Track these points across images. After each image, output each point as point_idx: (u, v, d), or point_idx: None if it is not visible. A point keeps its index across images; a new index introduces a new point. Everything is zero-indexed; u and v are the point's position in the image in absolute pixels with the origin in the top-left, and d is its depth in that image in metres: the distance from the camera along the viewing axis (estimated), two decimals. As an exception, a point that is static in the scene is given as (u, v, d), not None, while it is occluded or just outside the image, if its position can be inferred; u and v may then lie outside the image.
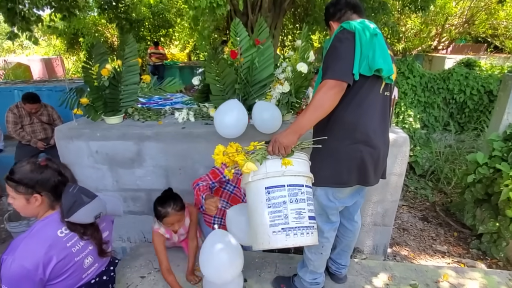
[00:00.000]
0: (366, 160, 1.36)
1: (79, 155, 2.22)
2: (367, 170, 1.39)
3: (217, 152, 1.34)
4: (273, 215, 1.25)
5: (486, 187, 2.74)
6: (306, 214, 1.27)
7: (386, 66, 1.28)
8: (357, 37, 1.26)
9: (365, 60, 1.26)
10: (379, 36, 1.31)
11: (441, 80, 5.08)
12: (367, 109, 1.33)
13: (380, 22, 6.35)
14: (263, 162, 1.31)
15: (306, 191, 1.30)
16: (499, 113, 2.84)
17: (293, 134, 1.28)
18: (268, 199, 1.26)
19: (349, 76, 1.25)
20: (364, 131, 1.34)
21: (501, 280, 1.82)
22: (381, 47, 1.28)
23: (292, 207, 1.25)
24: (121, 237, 2.51)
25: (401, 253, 2.78)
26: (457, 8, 10.87)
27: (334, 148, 1.37)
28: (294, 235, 1.23)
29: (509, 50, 11.06)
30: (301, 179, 1.30)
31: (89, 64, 2.16)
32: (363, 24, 1.30)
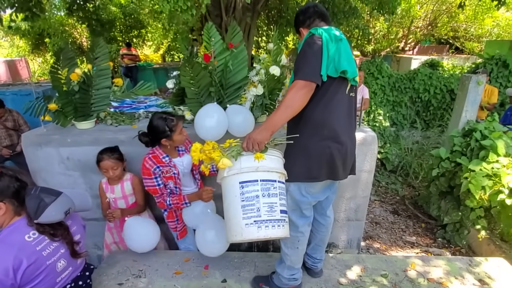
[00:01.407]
0: (334, 155, 1.45)
1: (48, 162, 2.14)
2: (336, 165, 1.48)
3: (194, 149, 1.40)
4: (246, 208, 1.32)
5: (449, 180, 2.95)
6: (278, 208, 1.34)
7: (351, 69, 1.40)
8: (324, 42, 1.36)
9: (332, 62, 1.36)
10: (344, 41, 1.42)
11: (407, 80, 5.36)
12: (334, 108, 1.43)
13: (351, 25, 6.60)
14: (238, 158, 1.37)
15: (278, 186, 1.37)
16: (458, 111, 3.05)
17: (266, 131, 1.36)
18: (242, 193, 1.33)
19: (318, 77, 1.35)
20: (331, 128, 1.43)
21: (462, 266, 1.97)
22: (346, 51, 1.39)
23: (265, 201, 1.32)
24: (96, 245, 2.44)
25: (374, 245, 2.92)
26: (421, 12, 11.49)
27: (304, 145, 1.46)
28: (265, 227, 1.30)
29: (468, 51, 11.84)
30: (274, 174, 1.37)
31: (57, 68, 2.10)
32: (330, 31, 1.42)
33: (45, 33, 9.62)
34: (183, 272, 1.90)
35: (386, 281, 1.83)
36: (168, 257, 2.06)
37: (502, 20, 11.49)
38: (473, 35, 11.88)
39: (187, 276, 1.87)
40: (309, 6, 1.60)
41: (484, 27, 11.52)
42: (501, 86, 4.95)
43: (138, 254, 2.05)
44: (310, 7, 1.59)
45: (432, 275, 1.87)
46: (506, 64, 4.99)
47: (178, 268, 1.94)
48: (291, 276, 1.70)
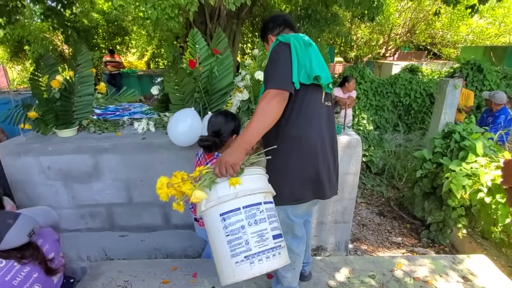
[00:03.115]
0: (318, 172, 1.36)
1: (28, 172, 2.07)
2: (322, 183, 1.38)
3: (159, 186, 1.19)
4: (233, 244, 1.13)
5: (432, 180, 3.03)
6: (269, 234, 1.17)
7: (324, 74, 1.33)
8: (293, 48, 1.30)
9: (303, 68, 1.30)
10: (313, 46, 1.37)
11: (389, 85, 5.52)
12: (311, 120, 1.34)
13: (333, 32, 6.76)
14: (212, 187, 1.19)
15: (265, 208, 1.20)
16: (438, 114, 3.16)
17: (239, 150, 1.19)
18: (225, 227, 1.14)
19: (290, 85, 1.26)
20: (312, 144, 1.34)
21: (446, 264, 2.02)
22: (316, 56, 1.34)
23: (252, 230, 1.14)
24: (79, 257, 2.36)
25: (361, 247, 2.96)
26: (400, 19, 11.92)
27: (284, 164, 1.35)
28: (259, 261, 1.12)
29: (445, 57, 12.34)
30: (258, 196, 1.20)
31: (37, 75, 2.04)
32: (297, 36, 1.36)
33: (25, 40, 9.37)
34: (171, 281, 1.86)
35: (374, 282, 1.86)
36: (155, 266, 2.01)
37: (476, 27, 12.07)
38: (449, 42, 12.41)
39: (175, 285, 1.84)
40: (279, 14, 1.59)
41: (459, 34, 12.06)
42: (476, 89, 5.17)
43: (124, 264, 2.00)
44: (280, 15, 1.57)
45: (418, 274, 1.91)
46: (481, 69, 5.22)
47: (166, 277, 1.90)
48: None
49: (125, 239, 2.31)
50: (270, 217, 1.20)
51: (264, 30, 1.57)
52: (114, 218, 2.25)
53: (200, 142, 1.56)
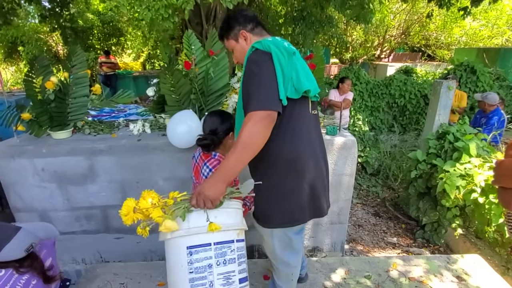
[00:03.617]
0: (315, 190, 1.28)
1: (22, 174, 2.05)
2: (319, 200, 1.32)
3: (125, 212, 1.05)
4: (195, 283, 1.02)
5: (426, 181, 3.06)
6: (236, 278, 1.07)
7: (312, 86, 1.20)
8: (275, 58, 1.12)
9: (289, 82, 1.13)
10: (297, 54, 1.21)
11: (384, 86, 5.56)
12: (303, 134, 1.22)
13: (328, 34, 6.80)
14: (186, 217, 1.07)
15: (237, 247, 1.10)
16: (432, 115, 3.19)
17: (220, 183, 1.06)
18: (190, 262, 1.03)
19: (277, 104, 1.09)
20: (306, 161, 1.22)
21: (440, 264, 2.04)
22: (302, 66, 1.19)
23: (220, 271, 1.03)
24: (74, 259, 2.34)
25: (357, 248, 2.97)
26: (394, 21, 12.03)
27: (278, 185, 1.23)
28: None
29: (439, 58, 12.47)
30: (231, 233, 1.09)
31: (31, 76, 2.03)
32: (277, 43, 1.17)
33: (19, 41, 9.29)
34: (167, 283, 1.85)
35: (369, 282, 1.87)
36: (151, 268, 2.01)
37: (469, 29, 12.22)
38: (443, 43, 12.56)
39: (171, 287, 1.83)
40: (247, 9, 1.42)
41: (453, 36, 12.21)
42: (470, 91, 5.23)
43: (119, 267, 1.99)
44: (248, 10, 1.37)
45: (413, 274, 1.93)
46: (474, 70, 5.29)
47: (161, 279, 1.89)
48: None
49: (120, 241, 2.29)
50: (240, 257, 1.11)
51: (230, 24, 1.31)
52: (110, 220, 2.24)
53: (199, 141, 1.51)
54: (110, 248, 2.32)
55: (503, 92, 5.38)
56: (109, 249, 2.32)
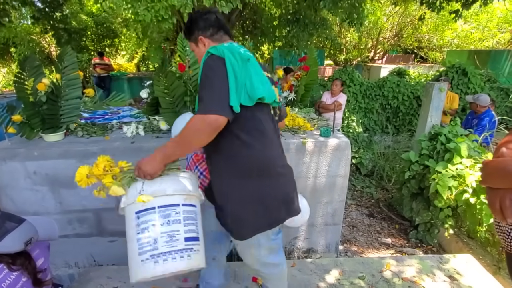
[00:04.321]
0: (286, 190, 1.30)
1: (13, 177, 2.02)
2: (292, 199, 1.33)
3: (78, 179, 1.18)
4: (141, 242, 1.14)
5: (419, 182, 3.09)
6: (181, 236, 1.15)
7: (267, 93, 1.19)
8: (228, 64, 1.12)
9: (243, 89, 1.13)
10: (252, 60, 1.20)
11: (377, 88, 5.61)
12: (270, 139, 1.25)
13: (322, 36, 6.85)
14: (132, 185, 1.18)
15: (183, 210, 1.19)
16: (424, 116, 3.23)
17: (157, 162, 1.16)
18: (138, 225, 1.16)
19: (225, 110, 1.09)
20: (271, 161, 1.25)
21: (433, 264, 2.06)
22: (257, 73, 1.18)
23: (164, 230, 1.14)
24: (67, 263, 2.32)
25: (351, 248, 2.99)
26: (387, 24, 12.16)
27: (247, 189, 1.23)
28: (163, 261, 1.12)
29: (432, 60, 12.64)
30: (176, 198, 1.19)
31: (22, 78, 2.00)
32: (233, 49, 1.17)
33: (11, 42, 9.18)
34: (161, 287, 1.84)
35: (363, 283, 1.88)
36: (145, 271, 1.99)
37: (460, 32, 12.41)
38: (435, 46, 12.73)
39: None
40: (212, 11, 1.33)
41: (444, 38, 12.39)
42: (461, 92, 5.31)
43: (113, 270, 1.97)
44: (213, 13, 1.32)
45: (406, 274, 1.95)
46: (465, 72, 5.37)
47: (156, 283, 1.88)
48: None
49: (114, 244, 2.27)
50: (186, 219, 1.19)
51: (191, 28, 1.31)
52: (103, 223, 2.22)
53: None
54: (103, 251, 2.30)
55: (494, 94, 5.46)
56: (102, 252, 2.30)
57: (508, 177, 0.91)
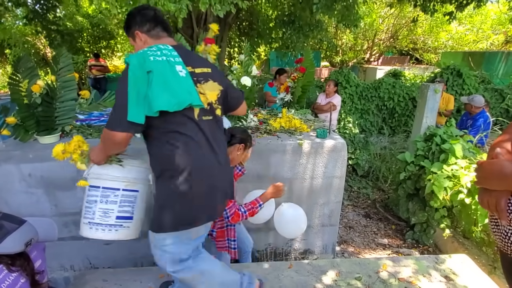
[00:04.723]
0: (203, 192, 1.28)
1: (8, 179, 2.01)
2: (212, 205, 1.33)
3: (54, 154, 1.45)
4: (86, 209, 1.46)
5: (415, 182, 3.11)
6: (114, 215, 1.44)
7: (175, 101, 1.17)
8: (130, 77, 1.16)
9: (146, 101, 1.16)
10: (160, 69, 1.18)
11: (373, 89, 5.64)
12: (187, 141, 1.24)
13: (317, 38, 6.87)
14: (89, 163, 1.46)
15: (122, 194, 1.44)
16: (419, 118, 3.26)
17: (97, 155, 1.37)
18: (87, 195, 1.47)
19: (124, 126, 1.16)
20: (188, 163, 1.24)
21: (429, 264, 2.07)
22: (164, 84, 1.17)
23: (101, 206, 1.43)
24: (62, 266, 2.30)
25: (348, 249, 3.00)
26: (383, 25, 12.24)
27: (164, 189, 1.27)
28: (95, 229, 1.44)
29: (427, 62, 12.74)
30: (117, 183, 1.43)
31: (17, 79, 1.99)
32: (145, 56, 1.18)
33: (5, 43, 9.10)
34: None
35: (360, 284, 1.88)
36: (141, 274, 1.98)
37: (455, 34, 12.53)
38: (430, 47, 12.83)
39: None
40: (150, 8, 1.35)
41: (439, 40, 12.49)
42: (456, 93, 5.35)
43: (109, 273, 1.95)
44: (150, 9, 1.34)
45: (402, 275, 1.95)
46: (460, 74, 5.41)
47: (152, 285, 1.87)
48: None
49: (110, 247, 2.26)
50: (123, 202, 1.45)
51: (129, 23, 1.34)
52: (99, 225, 2.20)
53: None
54: (99, 254, 2.28)
55: (488, 95, 5.52)
56: (98, 255, 2.29)
57: (503, 179, 0.90)
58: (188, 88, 1.23)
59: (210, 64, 1.40)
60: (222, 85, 1.40)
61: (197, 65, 1.32)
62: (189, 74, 1.25)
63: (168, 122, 1.22)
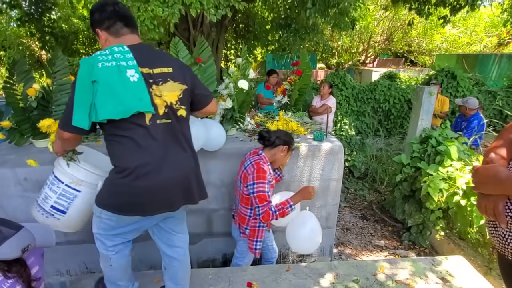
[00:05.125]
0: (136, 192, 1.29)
1: (4, 184, 1.98)
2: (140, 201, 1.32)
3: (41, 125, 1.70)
4: (43, 188, 1.59)
5: (411, 184, 3.13)
6: (50, 202, 1.54)
7: (121, 109, 1.18)
8: (78, 84, 1.18)
9: (91, 108, 1.19)
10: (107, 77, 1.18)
11: (369, 91, 5.69)
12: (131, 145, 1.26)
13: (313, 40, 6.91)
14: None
15: (63, 188, 1.54)
16: (415, 120, 3.28)
17: (56, 146, 1.48)
18: (48, 178, 1.60)
19: (70, 128, 1.22)
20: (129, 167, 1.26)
21: (426, 266, 2.09)
22: (110, 92, 1.18)
23: (46, 191, 1.56)
24: (58, 271, 2.27)
25: (345, 251, 3.00)
26: (378, 28, 12.35)
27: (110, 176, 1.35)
28: (36, 210, 1.58)
29: (421, 64, 12.86)
30: (64, 177, 1.54)
31: (11, 83, 1.97)
32: (94, 63, 1.19)
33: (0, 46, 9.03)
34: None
35: (357, 286, 1.89)
36: (138, 278, 1.96)
37: (449, 36, 12.68)
38: (424, 50, 12.97)
39: (159, 297, 1.80)
40: (107, 3, 1.29)
41: (433, 42, 12.64)
42: (451, 95, 5.41)
43: (105, 277, 1.93)
44: (109, 4, 1.28)
45: (399, 277, 1.96)
46: (454, 76, 5.48)
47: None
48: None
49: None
50: (61, 195, 1.55)
51: (90, 22, 1.32)
52: (95, 230, 2.18)
53: (260, 131, 1.87)
54: (96, 258, 2.24)
55: (482, 97, 5.58)
56: (95, 259, 2.25)
57: (499, 184, 0.92)
58: (138, 94, 1.21)
59: (173, 63, 1.36)
60: (185, 84, 1.36)
61: (156, 65, 1.29)
62: (142, 77, 1.23)
63: (116, 127, 1.24)
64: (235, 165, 2.22)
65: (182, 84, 1.34)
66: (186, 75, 1.38)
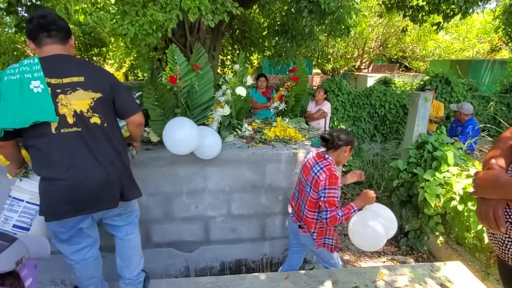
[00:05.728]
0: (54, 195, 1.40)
1: (-4, 193, 1.95)
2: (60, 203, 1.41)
3: None
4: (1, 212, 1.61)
5: (408, 189, 3.14)
6: (12, 223, 1.56)
7: (20, 119, 1.26)
8: None
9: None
10: (9, 91, 1.28)
11: (365, 97, 5.73)
12: (36, 153, 1.38)
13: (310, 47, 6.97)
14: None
15: (25, 206, 1.58)
16: (411, 125, 3.31)
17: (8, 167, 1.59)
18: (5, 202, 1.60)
19: None
20: (40, 172, 1.41)
21: (424, 272, 2.08)
22: (10, 103, 1.27)
23: (5, 213, 1.57)
24: (53, 281, 2.23)
25: (344, 257, 2.99)
26: (372, 34, 12.51)
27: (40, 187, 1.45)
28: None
29: (415, 69, 13.03)
30: (24, 195, 1.58)
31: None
32: (2, 76, 1.31)
33: (-6, 51, 8.97)
34: None
35: (357, 293, 1.88)
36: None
37: (442, 42, 12.88)
38: (418, 55, 13.16)
39: (156, 307, 1.77)
40: (35, 16, 1.37)
41: (427, 48, 12.82)
42: (445, 101, 5.47)
43: (101, 287, 1.90)
44: (35, 17, 1.36)
45: (398, 283, 1.95)
46: (448, 81, 5.55)
47: None
48: None
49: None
50: (23, 212, 1.58)
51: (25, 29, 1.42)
52: (91, 238, 2.15)
53: (323, 134, 1.87)
54: (91, 267, 2.22)
55: (476, 102, 5.65)
56: (90, 269, 2.22)
57: (499, 187, 0.95)
58: (40, 104, 1.29)
59: (88, 72, 1.40)
60: (99, 92, 1.41)
61: (65, 75, 1.35)
62: (47, 88, 1.30)
63: (27, 137, 1.36)
64: (232, 172, 2.21)
65: (94, 93, 1.39)
66: (102, 84, 1.43)
